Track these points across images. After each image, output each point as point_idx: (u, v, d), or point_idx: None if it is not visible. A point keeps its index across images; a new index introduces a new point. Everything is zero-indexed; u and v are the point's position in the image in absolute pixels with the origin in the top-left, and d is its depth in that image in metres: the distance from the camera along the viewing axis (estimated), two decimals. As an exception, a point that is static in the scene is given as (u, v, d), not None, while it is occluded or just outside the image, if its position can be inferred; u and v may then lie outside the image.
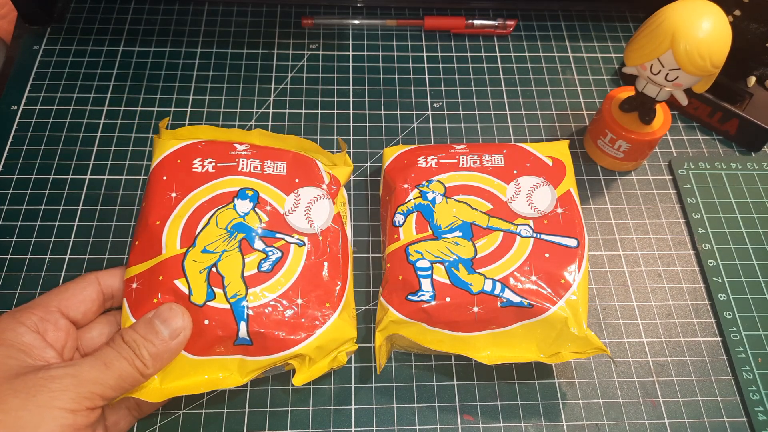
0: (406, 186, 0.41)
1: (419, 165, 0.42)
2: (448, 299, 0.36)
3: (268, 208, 0.37)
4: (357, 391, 0.38)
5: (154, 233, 0.36)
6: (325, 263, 0.37)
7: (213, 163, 0.38)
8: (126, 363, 0.30)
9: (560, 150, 0.43)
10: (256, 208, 0.37)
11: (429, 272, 0.37)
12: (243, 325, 0.33)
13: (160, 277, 0.34)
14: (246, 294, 0.34)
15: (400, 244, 0.38)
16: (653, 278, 0.43)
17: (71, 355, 0.33)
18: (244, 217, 0.37)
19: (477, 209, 0.39)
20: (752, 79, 0.49)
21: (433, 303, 0.36)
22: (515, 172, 0.41)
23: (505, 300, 0.36)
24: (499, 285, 0.36)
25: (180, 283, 0.34)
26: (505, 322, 0.36)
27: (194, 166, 0.38)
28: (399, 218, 0.39)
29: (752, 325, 0.41)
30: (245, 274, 0.35)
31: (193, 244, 0.35)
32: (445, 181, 0.41)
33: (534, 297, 0.36)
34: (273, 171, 0.39)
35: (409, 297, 0.36)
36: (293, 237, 0.37)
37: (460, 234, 0.38)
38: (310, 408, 0.38)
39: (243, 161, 0.39)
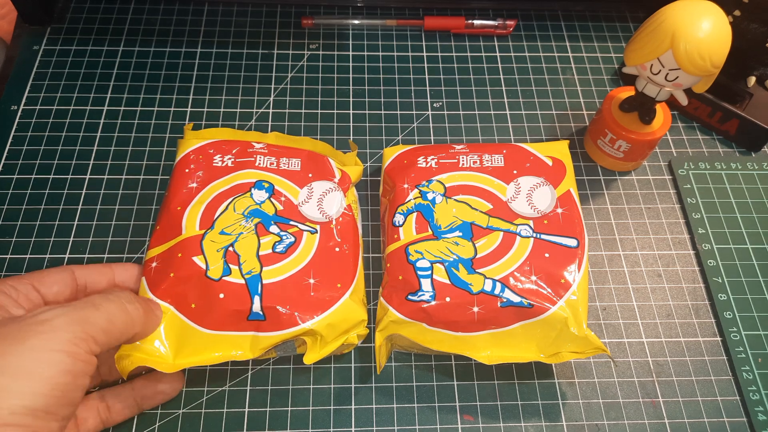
0: (406, 186, 0.41)
1: (419, 165, 0.42)
2: (448, 299, 0.36)
3: (282, 198, 0.39)
4: (357, 391, 0.38)
5: (174, 218, 0.38)
6: (337, 248, 0.38)
7: (232, 159, 0.41)
8: (115, 306, 0.30)
9: (560, 150, 0.43)
10: (271, 198, 0.39)
11: (429, 272, 0.37)
12: (257, 300, 0.35)
13: (179, 255, 0.36)
14: (261, 271, 0.36)
15: (400, 244, 0.38)
16: (653, 278, 0.43)
17: None
18: (260, 204, 0.39)
19: (477, 209, 0.39)
20: (752, 79, 0.49)
21: (433, 303, 0.36)
22: (515, 172, 0.41)
23: (505, 300, 0.36)
24: (499, 285, 0.36)
25: (198, 260, 0.36)
26: (505, 322, 0.36)
27: (215, 161, 0.41)
28: (399, 218, 0.39)
29: (752, 325, 0.41)
30: (260, 253, 0.37)
31: (212, 227, 0.37)
32: (445, 181, 0.41)
33: (534, 297, 0.36)
34: (288, 167, 0.41)
35: (409, 297, 0.36)
36: (306, 225, 0.39)
37: (460, 234, 0.38)
38: (310, 408, 0.38)
39: (260, 158, 0.41)
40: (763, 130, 0.48)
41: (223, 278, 0.35)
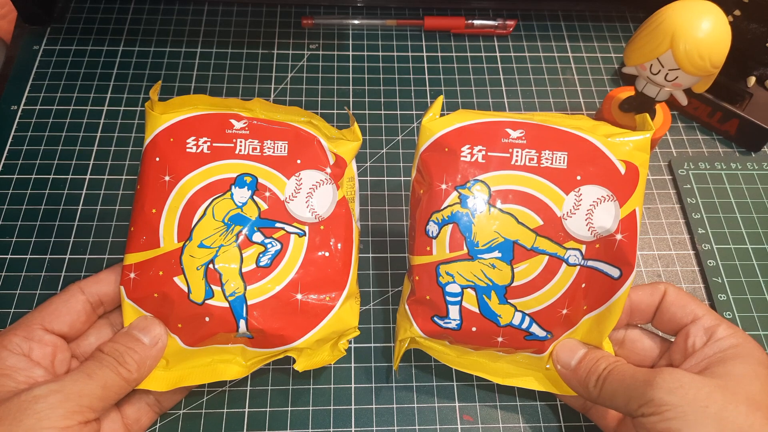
0: (444, 187, 0.35)
1: (462, 157, 0.34)
2: (474, 329, 0.34)
3: (267, 194, 0.36)
4: (357, 391, 0.38)
5: (150, 222, 0.35)
6: (327, 253, 0.36)
7: (208, 143, 0.36)
8: (109, 371, 0.30)
9: (640, 148, 0.35)
10: (254, 196, 0.36)
11: (459, 298, 0.34)
12: (242, 323, 0.34)
13: (160, 273, 0.34)
14: (244, 292, 0.34)
15: (431, 259, 0.35)
16: (653, 278, 0.43)
17: (66, 368, 0.32)
18: (242, 207, 0.35)
19: (524, 224, 0.34)
20: (752, 79, 0.49)
21: (458, 330, 0.35)
22: (579, 177, 0.34)
23: (530, 334, 0.34)
24: (527, 319, 0.34)
25: (179, 281, 0.34)
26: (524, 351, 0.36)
27: (188, 145, 0.36)
28: (433, 228, 0.35)
29: (752, 325, 0.41)
30: (243, 270, 0.34)
31: (190, 238, 0.34)
32: (491, 182, 0.34)
33: (558, 330, 0.35)
34: (273, 152, 0.36)
35: (435, 320, 0.35)
36: (293, 227, 0.36)
37: (499, 255, 0.34)
38: (310, 408, 0.38)
39: (241, 142, 0.36)
40: (763, 130, 0.48)
41: (206, 302, 0.33)
